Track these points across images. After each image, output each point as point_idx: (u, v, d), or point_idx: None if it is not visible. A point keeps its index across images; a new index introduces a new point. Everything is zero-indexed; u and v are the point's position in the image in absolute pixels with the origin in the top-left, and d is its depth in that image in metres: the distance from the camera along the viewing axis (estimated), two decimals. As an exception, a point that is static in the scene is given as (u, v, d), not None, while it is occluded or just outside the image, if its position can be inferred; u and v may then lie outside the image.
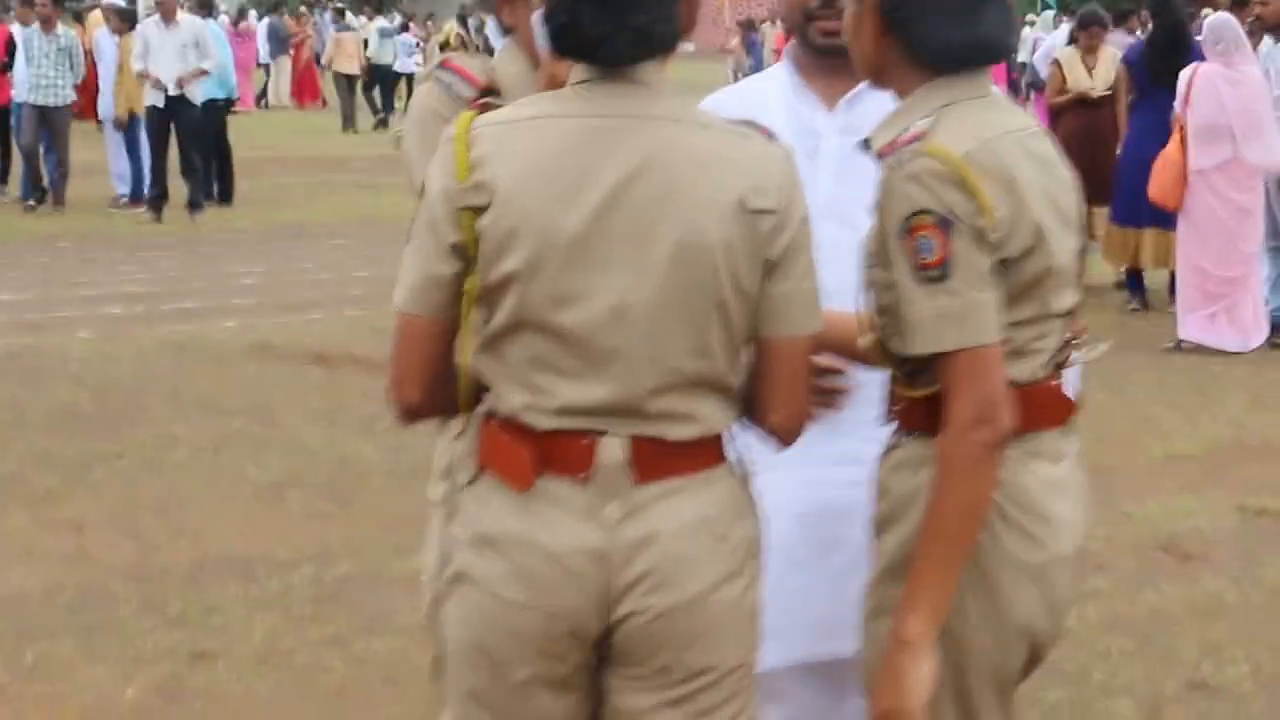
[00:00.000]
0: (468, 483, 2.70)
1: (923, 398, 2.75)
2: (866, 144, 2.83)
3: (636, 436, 2.59)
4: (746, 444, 2.76)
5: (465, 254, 2.58)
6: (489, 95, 3.16)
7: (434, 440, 3.51)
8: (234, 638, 5.54)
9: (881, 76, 2.87)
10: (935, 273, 2.65)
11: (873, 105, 3.16)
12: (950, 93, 2.78)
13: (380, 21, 33.32)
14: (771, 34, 34.26)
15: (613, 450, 2.59)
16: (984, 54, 2.80)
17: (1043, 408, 2.79)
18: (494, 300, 2.58)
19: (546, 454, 2.60)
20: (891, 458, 2.84)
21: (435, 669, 3.17)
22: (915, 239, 2.65)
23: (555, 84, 2.99)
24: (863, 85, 3.23)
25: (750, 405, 2.69)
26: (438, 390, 2.68)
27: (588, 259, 2.54)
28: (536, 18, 3.03)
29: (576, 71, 2.62)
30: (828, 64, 3.23)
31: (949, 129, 2.71)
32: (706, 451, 2.64)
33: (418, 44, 33.47)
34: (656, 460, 2.60)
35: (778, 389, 2.67)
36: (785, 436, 2.72)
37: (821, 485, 3.18)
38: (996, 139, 2.72)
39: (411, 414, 2.71)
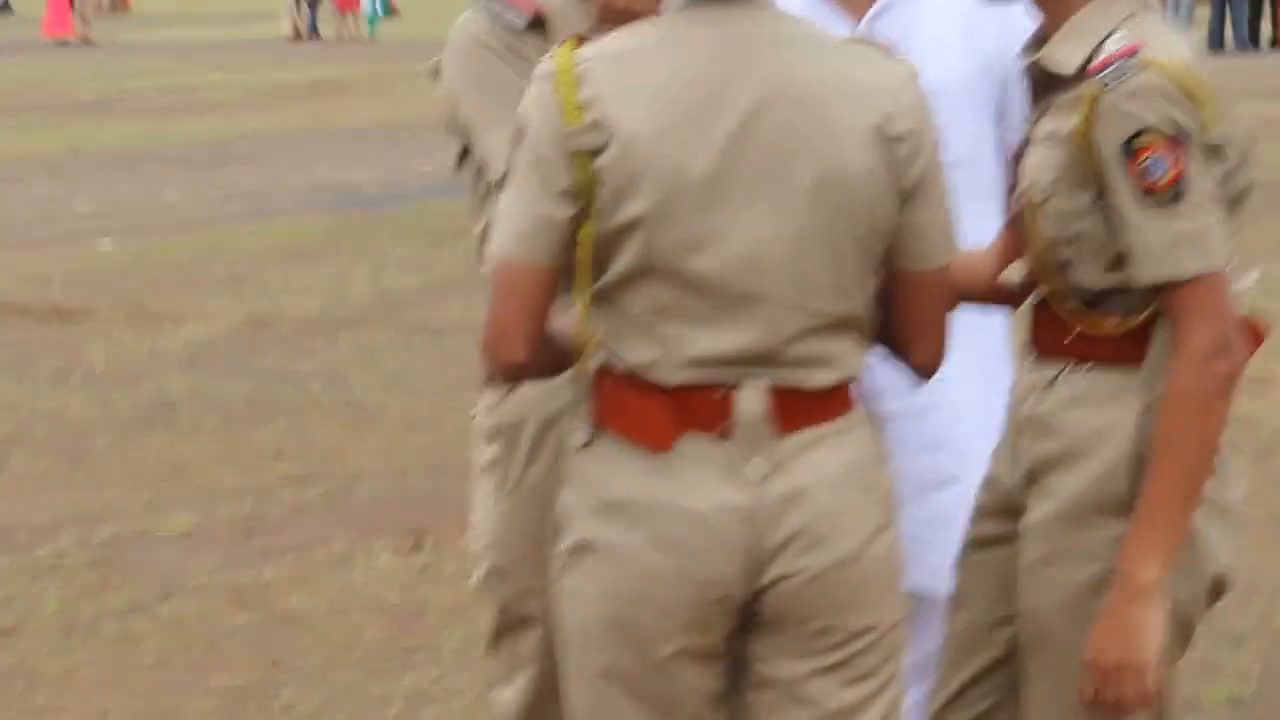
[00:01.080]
0: (583, 445, 2.53)
1: (1111, 328, 2.62)
2: (1035, 62, 2.67)
3: (775, 385, 2.46)
4: None
5: (579, 199, 2.43)
6: (538, 23, 2.99)
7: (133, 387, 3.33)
8: (27, 611, 5.34)
9: None
10: (1168, 195, 2.52)
11: (900, 18, 3.15)
12: (1128, 3, 2.63)
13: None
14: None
15: (751, 401, 2.46)
16: None
17: (1243, 337, 2.63)
18: (614, 247, 2.44)
19: (680, 410, 2.45)
20: (1057, 391, 2.67)
21: (495, 641, 3.13)
22: (1143, 160, 2.52)
23: (612, 11, 2.88)
24: (883, 1, 3.18)
25: (887, 342, 2.60)
26: (541, 347, 2.49)
27: (720, 198, 2.41)
28: None
29: None
30: None
31: (1156, 41, 2.56)
32: (843, 397, 2.53)
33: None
34: (797, 409, 2.47)
35: (920, 324, 2.57)
36: (928, 372, 2.63)
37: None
38: (1192, 53, 2.60)
39: (514, 374, 2.54)
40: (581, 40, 2.49)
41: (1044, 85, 2.70)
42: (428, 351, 8.54)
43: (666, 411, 2.46)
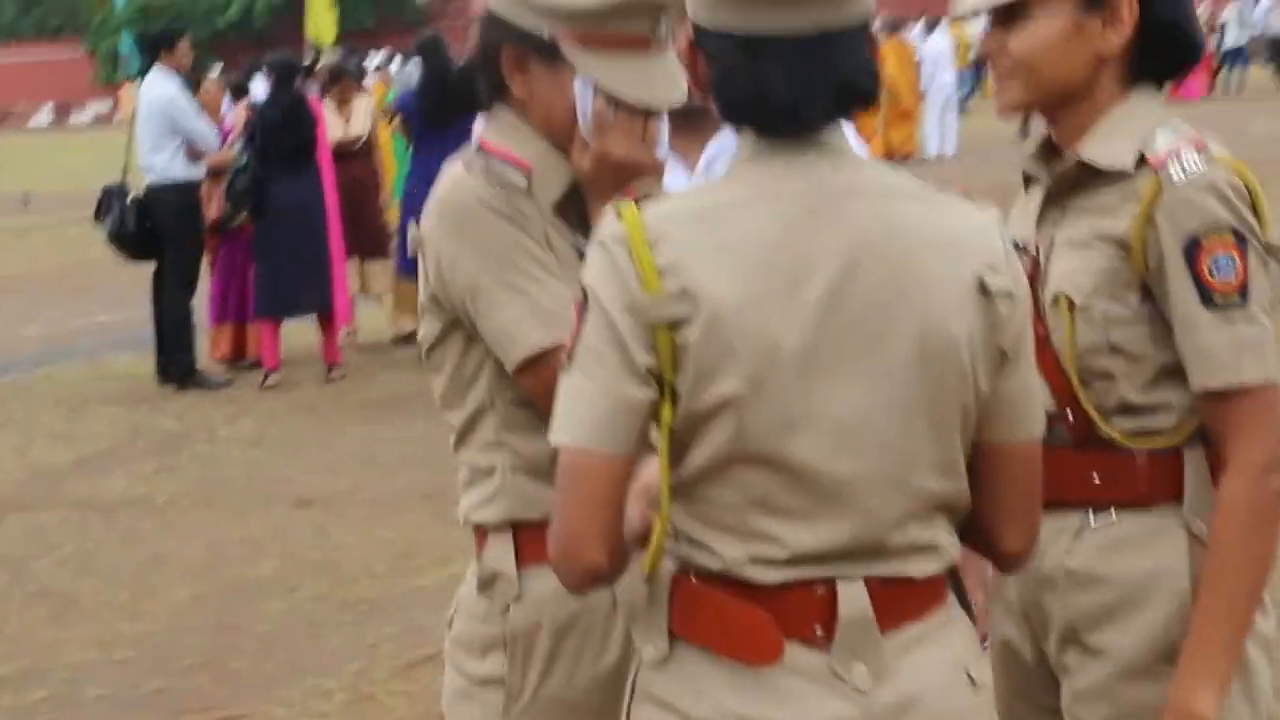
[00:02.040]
0: (658, 660, 2.20)
1: (1143, 461, 2.50)
2: (1069, 172, 2.57)
3: (877, 578, 2.16)
4: None
5: (659, 378, 2.11)
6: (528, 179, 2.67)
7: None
8: None
9: (1074, 95, 2.60)
10: (1235, 297, 2.40)
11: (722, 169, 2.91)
12: (1158, 101, 2.59)
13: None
14: None
15: (854, 599, 2.15)
16: (1194, 55, 2.63)
17: None
18: (700, 431, 2.12)
19: (781, 614, 2.14)
20: (1090, 539, 2.53)
21: None
22: (1209, 258, 2.40)
23: (609, 164, 2.61)
24: (716, 145, 2.94)
25: (972, 526, 2.27)
26: (619, 545, 2.16)
27: (816, 371, 2.10)
28: (580, 85, 2.58)
29: (743, 145, 2.18)
30: (685, 124, 2.96)
31: (1209, 138, 2.50)
32: (940, 587, 2.24)
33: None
34: (900, 604, 2.18)
35: (1013, 504, 2.26)
36: (1019, 562, 2.32)
37: None
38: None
39: (596, 579, 2.17)
40: (639, 198, 2.17)
41: (1070, 186, 2.58)
42: (104, 531, 7.87)
43: (768, 617, 2.15)
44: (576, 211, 2.67)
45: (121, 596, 6.86)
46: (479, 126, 2.80)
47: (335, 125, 12.14)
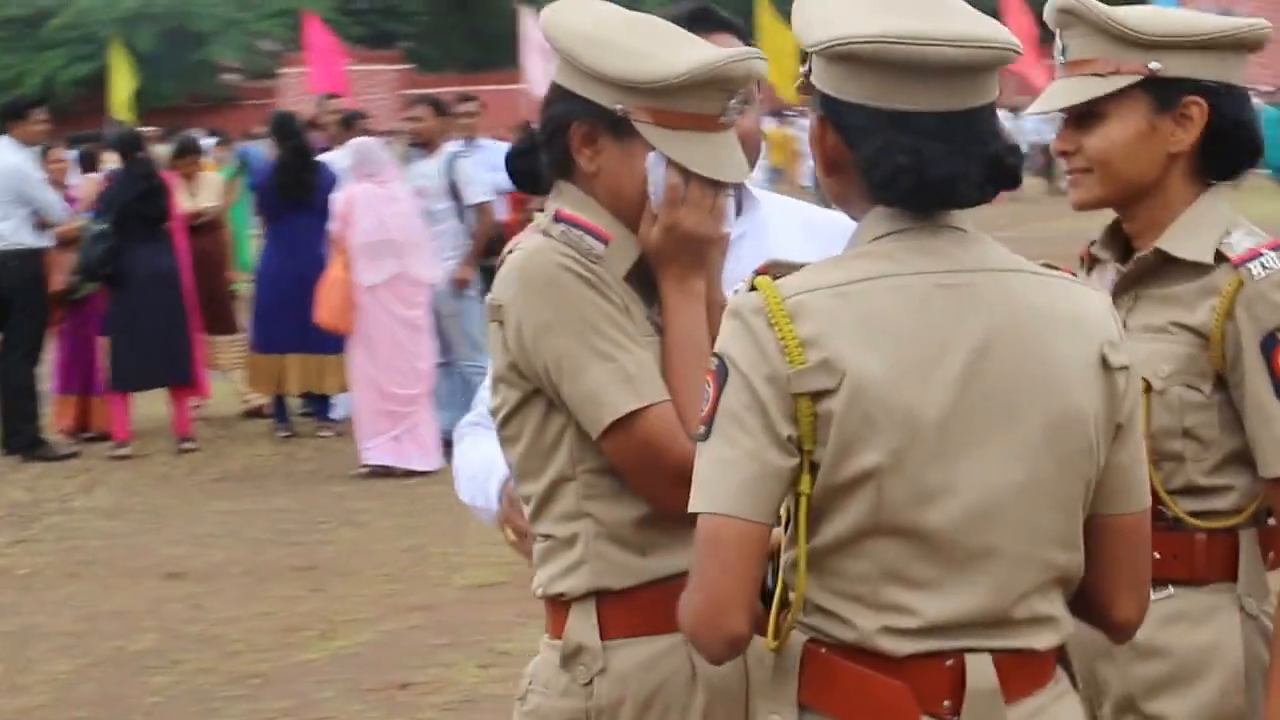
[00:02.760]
0: None
1: (1202, 542, 2.62)
2: (1142, 262, 2.69)
3: (1003, 651, 2.17)
4: None
5: (799, 448, 2.13)
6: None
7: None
8: None
9: (1147, 193, 2.73)
10: None
11: (744, 251, 2.91)
12: (1226, 199, 2.72)
13: None
14: None
15: (982, 671, 2.15)
16: (1257, 153, 2.79)
17: None
18: (838, 502, 2.13)
19: (914, 686, 2.15)
20: (1153, 612, 2.48)
21: None
22: None
23: (676, 234, 2.61)
24: (731, 234, 2.88)
25: (1082, 596, 2.28)
26: (756, 614, 2.16)
27: (954, 445, 2.13)
28: (653, 159, 2.59)
29: (875, 222, 2.21)
30: None
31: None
32: (1054, 659, 2.25)
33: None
34: (1024, 677, 2.19)
35: (1126, 574, 2.29)
36: (1129, 631, 2.34)
37: None
38: None
39: (736, 647, 2.16)
40: (776, 272, 2.20)
41: (1141, 276, 2.72)
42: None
43: (904, 688, 2.15)
44: (642, 285, 2.67)
45: (-4, 670, 6.68)
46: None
47: (183, 198, 12.00)
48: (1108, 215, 2.84)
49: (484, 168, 11.76)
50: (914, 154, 2.15)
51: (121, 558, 8.44)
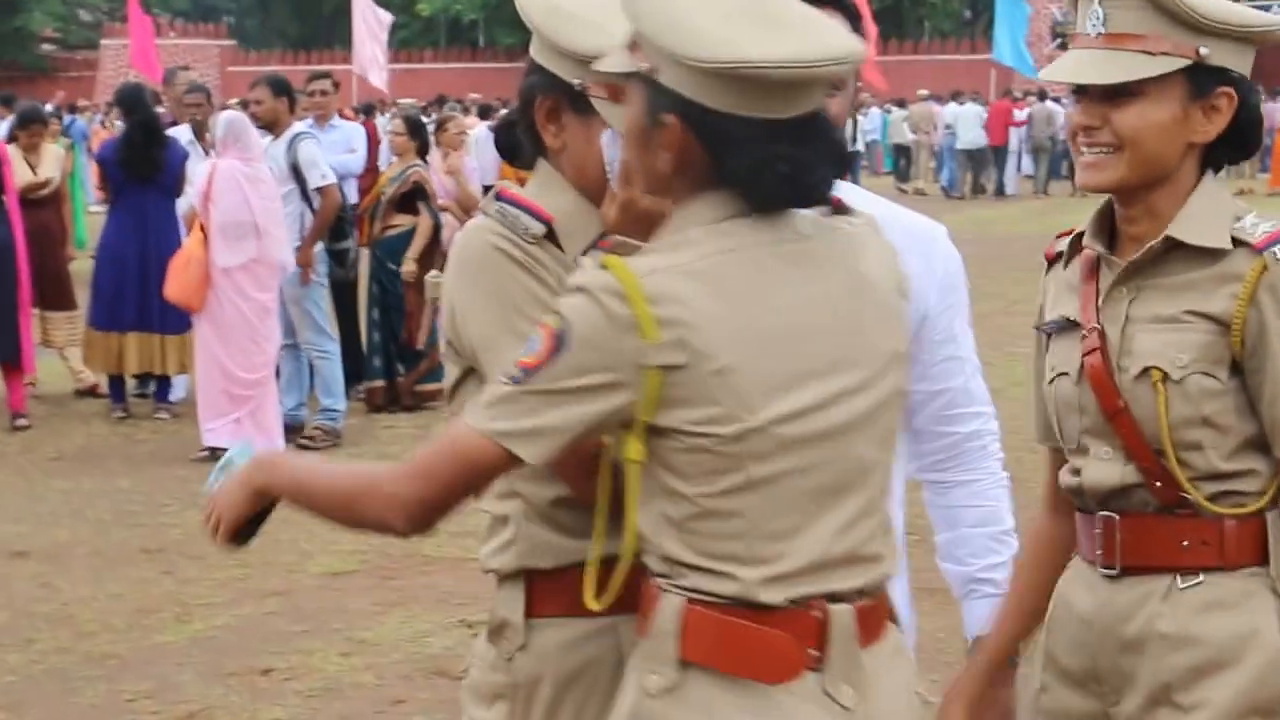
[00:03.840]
0: (666, 689, 2.35)
1: (1232, 527, 2.62)
2: (1151, 250, 2.68)
3: (860, 592, 2.39)
4: None
5: (631, 420, 2.31)
6: (550, 232, 2.66)
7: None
8: None
9: (1168, 175, 2.69)
10: None
11: None
12: (1225, 188, 2.70)
13: None
14: None
15: (844, 617, 2.37)
16: (1258, 145, 2.79)
17: None
18: (701, 466, 2.30)
19: (793, 632, 2.34)
20: (1180, 602, 2.65)
21: None
22: None
23: (631, 214, 2.60)
24: None
25: None
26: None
27: (805, 397, 2.32)
28: (609, 135, 2.60)
29: (710, 206, 2.36)
30: None
31: None
32: (889, 603, 2.47)
33: None
34: (874, 619, 2.42)
35: None
36: None
37: None
38: None
39: (412, 532, 2.44)
40: (621, 248, 2.35)
41: (1145, 266, 2.69)
42: None
43: (782, 637, 2.34)
44: None
45: None
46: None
47: (23, 171, 11.79)
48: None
49: (340, 148, 11.70)
50: (791, 162, 2.32)
51: (-38, 535, 8.32)
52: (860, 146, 35.06)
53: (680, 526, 2.34)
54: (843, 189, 3.07)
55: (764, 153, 2.31)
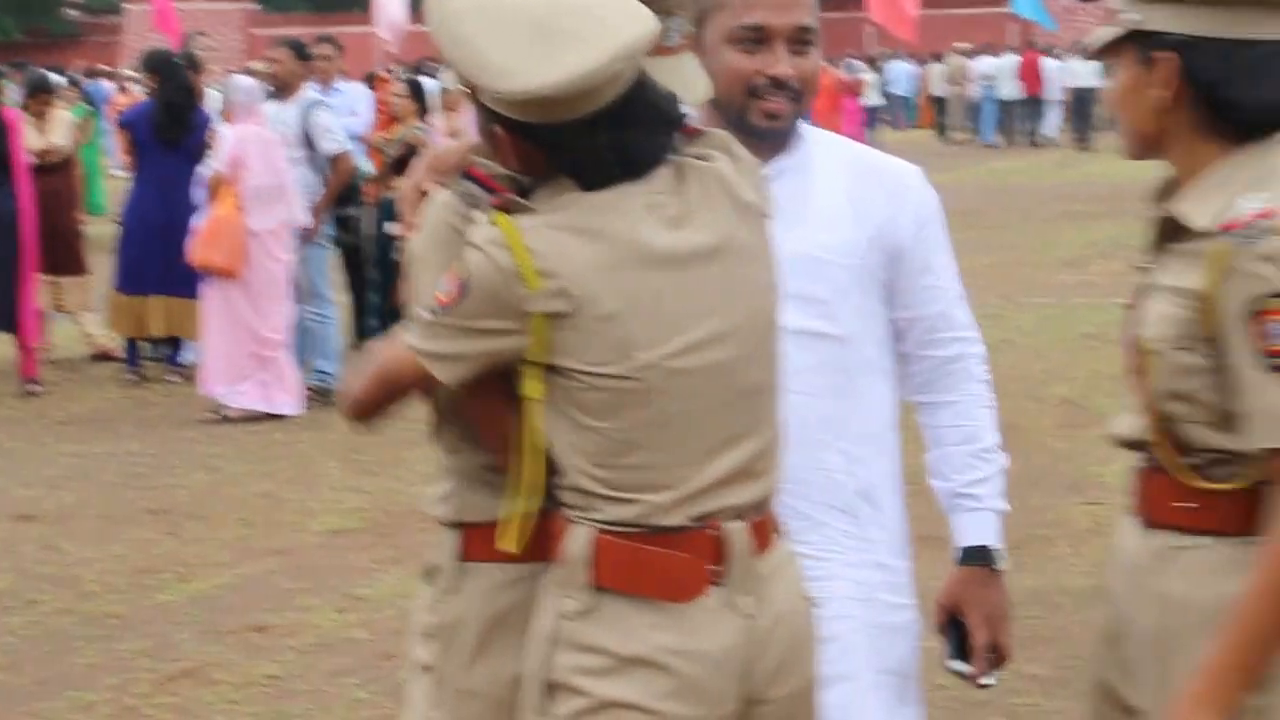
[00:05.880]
0: (579, 612, 2.58)
1: (1226, 497, 2.61)
2: (1163, 217, 2.69)
3: (753, 507, 2.61)
4: None
5: (523, 362, 2.55)
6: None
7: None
8: None
9: (1159, 145, 2.72)
10: None
11: (789, 186, 3.02)
12: (1264, 161, 2.63)
13: None
14: None
15: (740, 532, 2.60)
16: (1245, 112, 2.66)
17: None
18: (596, 405, 2.53)
19: (695, 552, 2.57)
20: (1177, 564, 2.66)
21: None
22: (1265, 323, 2.51)
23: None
24: (773, 168, 3.03)
25: None
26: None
27: (686, 335, 2.54)
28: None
29: (567, 184, 2.57)
30: (751, 144, 2.91)
31: None
32: (776, 515, 2.69)
33: None
34: (766, 530, 2.64)
35: None
36: None
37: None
38: None
39: (356, 423, 2.75)
40: (510, 205, 2.56)
41: (1168, 234, 2.70)
42: None
43: (686, 559, 2.56)
44: None
45: None
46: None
47: (33, 136, 11.87)
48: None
49: (342, 112, 11.76)
50: (616, 149, 2.53)
51: (-30, 498, 8.42)
52: (880, 100, 35.09)
53: (589, 459, 2.56)
54: (816, 134, 3.19)
55: (584, 147, 2.52)
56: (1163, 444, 2.68)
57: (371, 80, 16.36)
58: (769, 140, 3.05)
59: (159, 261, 10.83)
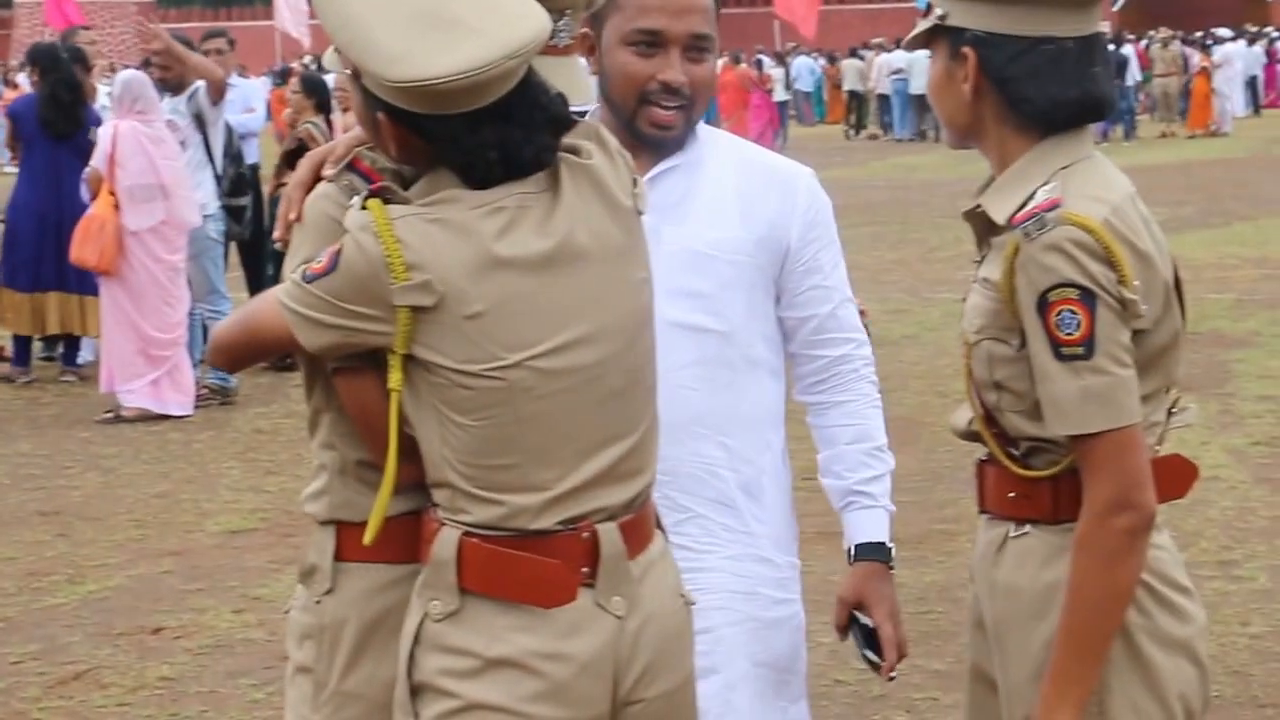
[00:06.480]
0: (447, 613, 2.54)
1: (1047, 483, 2.64)
2: (975, 211, 2.71)
3: (625, 507, 2.57)
4: None
5: (387, 352, 2.50)
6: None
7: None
8: None
9: (972, 136, 2.76)
10: (1079, 349, 2.53)
11: (679, 183, 3.07)
12: (1065, 154, 2.67)
13: None
14: None
15: (611, 534, 2.55)
16: (1093, 112, 2.70)
17: (1173, 479, 2.71)
18: (466, 401, 2.48)
19: (565, 557, 2.52)
20: (1008, 553, 2.68)
21: None
22: (1056, 313, 2.54)
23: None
24: (663, 165, 3.09)
25: None
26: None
27: (567, 330, 2.51)
28: None
29: (448, 178, 2.52)
30: (637, 147, 2.94)
31: (1079, 194, 2.59)
32: (652, 512, 2.64)
33: None
34: (640, 530, 2.60)
35: None
36: None
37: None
38: (1121, 203, 2.63)
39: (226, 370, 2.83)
40: (386, 194, 2.51)
41: (985, 229, 2.73)
42: None
43: (555, 565, 2.52)
44: None
45: None
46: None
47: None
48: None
49: (237, 107, 11.61)
50: (500, 146, 2.47)
51: None
52: (787, 96, 35.21)
53: (457, 455, 2.50)
54: (710, 133, 3.19)
55: (469, 143, 2.47)
56: (988, 434, 2.73)
57: (285, 75, 16.21)
58: (656, 148, 3.08)
59: (53, 257, 10.66)
